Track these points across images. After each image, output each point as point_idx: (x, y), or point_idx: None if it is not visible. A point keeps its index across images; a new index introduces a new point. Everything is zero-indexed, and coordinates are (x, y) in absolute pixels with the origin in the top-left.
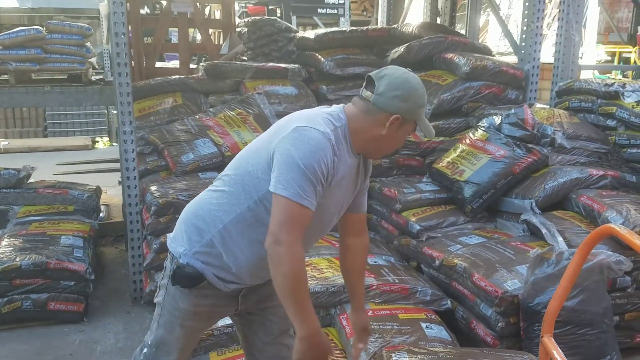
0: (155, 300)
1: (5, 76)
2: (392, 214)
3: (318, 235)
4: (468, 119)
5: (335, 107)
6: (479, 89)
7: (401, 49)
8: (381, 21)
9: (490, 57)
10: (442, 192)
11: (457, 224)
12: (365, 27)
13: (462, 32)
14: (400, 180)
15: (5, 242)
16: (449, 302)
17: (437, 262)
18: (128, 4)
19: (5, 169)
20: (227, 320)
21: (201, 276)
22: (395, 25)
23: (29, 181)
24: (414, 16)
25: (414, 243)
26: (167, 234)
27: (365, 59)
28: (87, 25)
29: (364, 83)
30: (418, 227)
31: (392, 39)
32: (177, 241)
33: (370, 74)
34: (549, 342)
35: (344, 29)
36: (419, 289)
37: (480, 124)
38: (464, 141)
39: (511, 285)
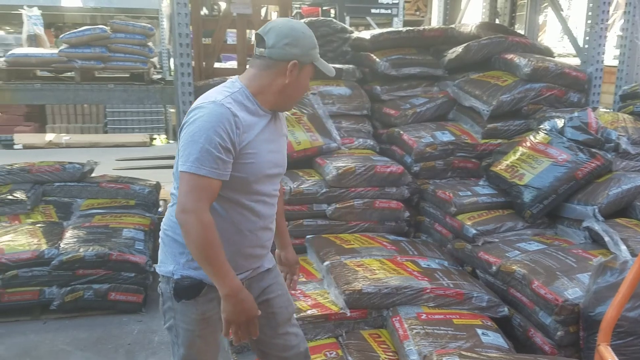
0: (166, 327)
1: (71, 73)
2: (446, 217)
3: (273, 186)
4: (528, 121)
5: (231, 77)
6: (540, 91)
7: (459, 49)
8: (437, 21)
9: (552, 58)
10: (499, 195)
11: (516, 229)
12: (421, 28)
13: (521, 32)
14: (455, 182)
15: (69, 233)
16: (505, 309)
17: (494, 267)
18: (190, 6)
19: (70, 163)
20: None
21: (200, 282)
22: (452, 26)
23: (92, 175)
24: (472, 17)
25: (469, 247)
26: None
27: (421, 59)
28: (149, 25)
29: (255, 42)
30: (474, 232)
31: (448, 39)
32: (165, 263)
33: (258, 31)
34: (606, 351)
35: (400, 29)
36: (475, 295)
37: (541, 126)
38: (524, 144)
39: (572, 294)
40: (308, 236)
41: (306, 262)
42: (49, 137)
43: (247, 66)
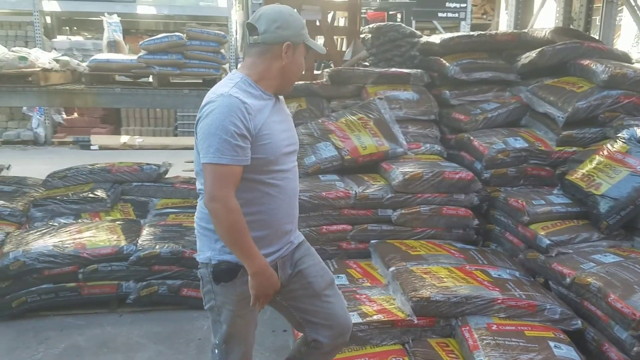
0: (207, 307)
1: (146, 78)
2: (518, 226)
3: (291, 163)
4: (604, 129)
5: (232, 71)
6: (618, 98)
7: (533, 54)
8: (507, 25)
9: (630, 65)
10: (574, 205)
11: (591, 240)
12: (493, 32)
13: (595, 37)
14: (528, 190)
15: (146, 231)
16: (579, 322)
17: (567, 279)
18: None
19: (147, 164)
20: None
21: (236, 265)
22: (525, 30)
23: (166, 176)
24: (544, 21)
25: (542, 258)
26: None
27: (493, 63)
28: (223, 33)
29: (248, 32)
30: (548, 242)
31: (521, 43)
32: (202, 250)
33: (250, 20)
34: None
35: (471, 33)
36: (548, 307)
37: (620, 135)
38: (601, 152)
39: None
40: (372, 241)
41: (370, 267)
42: (123, 139)
43: (244, 57)
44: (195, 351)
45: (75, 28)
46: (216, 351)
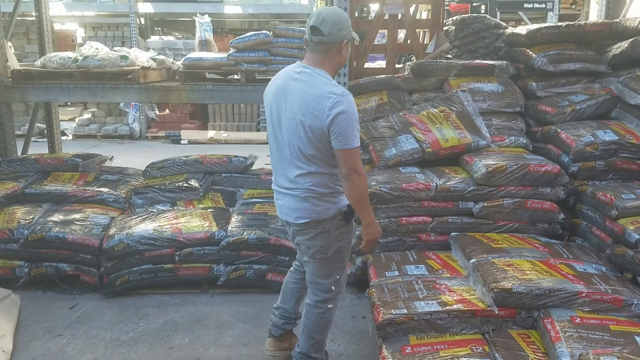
0: (332, 253)
1: (236, 75)
2: (605, 220)
3: None
4: None
5: (304, 67)
6: None
7: (625, 44)
8: (598, 15)
9: None
10: None
11: None
12: (582, 22)
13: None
14: (617, 184)
15: (235, 218)
16: None
17: None
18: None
19: (235, 156)
20: (425, 308)
21: (350, 207)
22: (617, 20)
23: (252, 168)
24: (638, 11)
25: (631, 253)
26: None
27: (581, 54)
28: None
29: (310, 32)
30: (637, 237)
31: (612, 34)
32: (327, 208)
33: (314, 23)
34: None
35: (559, 24)
36: (635, 302)
37: None
38: None
39: None
40: (453, 233)
41: (451, 259)
42: (210, 133)
43: (305, 56)
44: None
45: (166, 28)
46: (333, 288)
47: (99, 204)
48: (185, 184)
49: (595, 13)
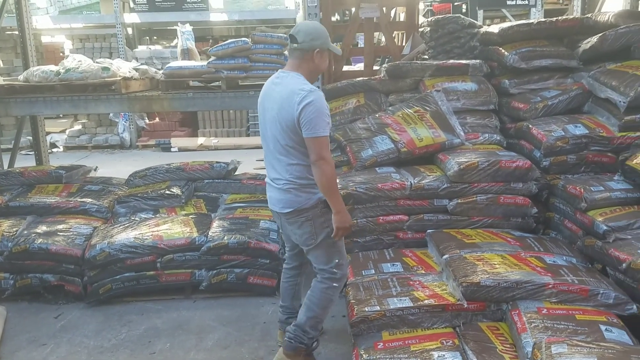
0: (321, 238)
1: (218, 83)
2: (576, 213)
3: None
4: None
5: (281, 70)
6: None
7: (594, 39)
8: (576, 10)
9: None
10: (635, 191)
11: None
12: (554, 18)
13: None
14: (588, 177)
15: (216, 223)
16: (634, 306)
17: (624, 265)
18: (321, 14)
19: (217, 162)
20: (398, 304)
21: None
22: (588, 15)
23: (235, 173)
24: (613, 5)
25: (600, 244)
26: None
27: (553, 51)
28: (285, 35)
29: (289, 40)
30: (605, 228)
31: (584, 29)
32: (307, 199)
33: (292, 32)
34: None
35: (530, 21)
36: (601, 292)
37: None
38: None
39: None
40: (429, 230)
41: (426, 256)
42: (200, 140)
43: (289, 60)
44: (260, 333)
45: (155, 37)
46: (336, 271)
47: (82, 214)
48: (167, 192)
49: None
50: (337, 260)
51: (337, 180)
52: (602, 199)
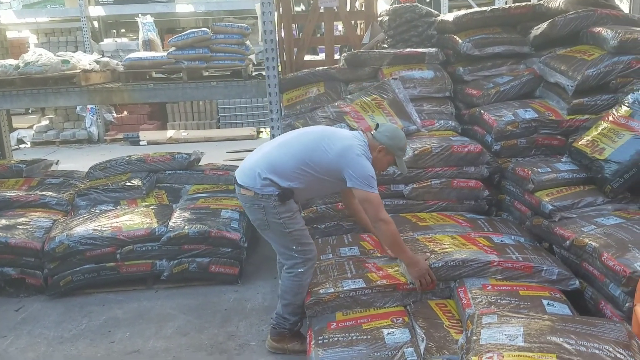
0: (289, 231)
1: (180, 74)
2: (525, 194)
3: None
4: (617, 95)
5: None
6: (629, 63)
7: (544, 25)
8: None
9: None
10: (581, 171)
11: (595, 204)
12: (507, 6)
13: (625, 5)
14: (538, 160)
15: (176, 214)
16: (577, 282)
17: (567, 242)
18: (281, 4)
19: (179, 153)
20: (351, 285)
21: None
22: (541, 2)
23: (199, 164)
24: None
25: (546, 223)
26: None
27: (506, 37)
28: (246, 25)
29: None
30: (550, 207)
31: (536, 15)
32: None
33: (378, 122)
34: None
35: (484, 8)
36: (545, 268)
37: (624, 99)
38: (606, 118)
39: None
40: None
41: None
42: (170, 133)
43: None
44: (220, 320)
45: (122, 30)
46: (296, 255)
47: (42, 207)
48: (128, 183)
49: None
50: (294, 247)
51: None
52: (549, 180)
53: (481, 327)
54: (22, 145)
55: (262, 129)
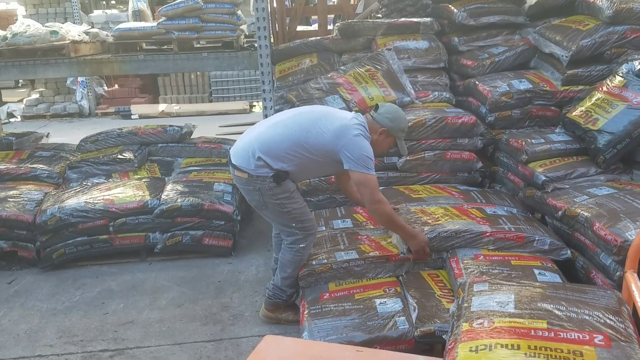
0: (286, 211)
1: (170, 46)
2: (518, 165)
3: None
4: (611, 66)
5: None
6: (624, 34)
7: None
8: None
9: None
10: (574, 142)
11: (588, 175)
12: None
13: None
14: (531, 131)
15: (169, 187)
16: (568, 251)
17: (559, 212)
18: None
19: (170, 126)
20: (344, 257)
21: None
22: None
23: (192, 137)
24: None
25: (539, 194)
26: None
27: (501, 7)
28: None
29: (373, 109)
30: (543, 178)
31: None
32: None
33: (378, 103)
34: (631, 278)
35: None
36: (537, 238)
37: (618, 70)
38: (600, 88)
39: (632, 235)
40: (379, 188)
41: None
42: (161, 107)
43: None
44: (214, 291)
45: (112, 2)
46: (297, 232)
47: (33, 180)
48: (119, 156)
49: None
50: (293, 225)
51: None
52: (543, 151)
53: (472, 294)
54: (12, 119)
55: (255, 103)
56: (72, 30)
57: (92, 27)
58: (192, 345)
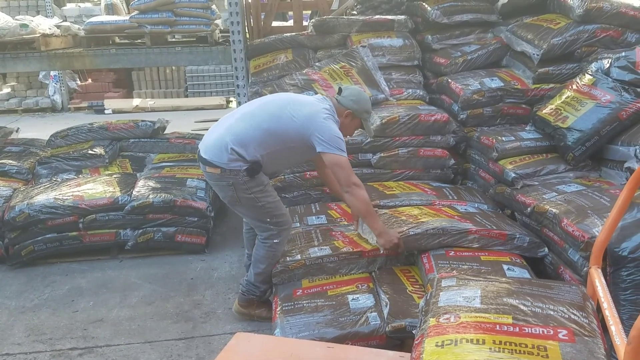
0: (262, 203)
1: (144, 40)
2: (489, 162)
3: None
4: (581, 64)
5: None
6: (594, 33)
7: None
8: None
9: None
10: (544, 140)
11: (557, 172)
12: None
13: None
14: (502, 129)
15: (141, 183)
16: (546, 249)
17: (528, 209)
18: None
19: (142, 121)
20: (318, 253)
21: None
22: None
23: (165, 133)
24: None
25: (509, 191)
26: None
27: (474, 5)
28: None
29: (338, 91)
30: (513, 175)
31: None
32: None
33: (341, 86)
34: (595, 273)
35: None
36: (517, 235)
37: (588, 68)
38: (570, 87)
39: (599, 231)
40: None
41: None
42: (136, 102)
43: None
44: (186, 289)
45: None
46: (271, 227)
47: (2, 176)
48: (90, 152)
49: None
50: (268, 219)
51: None
52: (513, 148)
53: (440, 289)
54: None
55: (231, 98)
56: (43, 24)
57: (65, 20)
58: (163, 344)
